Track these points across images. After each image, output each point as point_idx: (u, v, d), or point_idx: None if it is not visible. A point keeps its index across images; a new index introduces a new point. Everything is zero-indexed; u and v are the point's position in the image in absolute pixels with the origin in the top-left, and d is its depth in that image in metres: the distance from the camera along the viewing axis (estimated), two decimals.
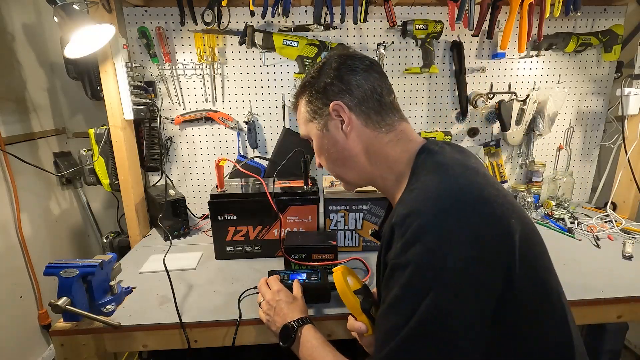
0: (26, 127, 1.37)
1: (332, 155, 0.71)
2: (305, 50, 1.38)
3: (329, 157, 0.72)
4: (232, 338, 0.86)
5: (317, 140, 0.72)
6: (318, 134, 0.71)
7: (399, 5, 1.37)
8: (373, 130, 0.67)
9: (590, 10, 1.43)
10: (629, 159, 1.40)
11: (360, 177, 0.71)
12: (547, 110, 1.45)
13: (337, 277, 0.72)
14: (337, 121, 0.68)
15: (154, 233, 1.42)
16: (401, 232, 0.52)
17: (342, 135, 0.68)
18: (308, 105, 0.71)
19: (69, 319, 0.86)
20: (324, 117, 0.69)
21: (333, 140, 0.69)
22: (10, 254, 1.28)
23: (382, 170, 0.68)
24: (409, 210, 0.53)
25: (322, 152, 0.73)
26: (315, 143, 0.73)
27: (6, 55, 1.31)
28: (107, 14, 1.17)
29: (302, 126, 0.75)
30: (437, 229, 0.49)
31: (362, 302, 0.71)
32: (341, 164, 0.71)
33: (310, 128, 0.73)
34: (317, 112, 0.70)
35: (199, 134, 1.49)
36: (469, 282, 0.48)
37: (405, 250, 0.50)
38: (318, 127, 0.70)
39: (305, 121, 0.73)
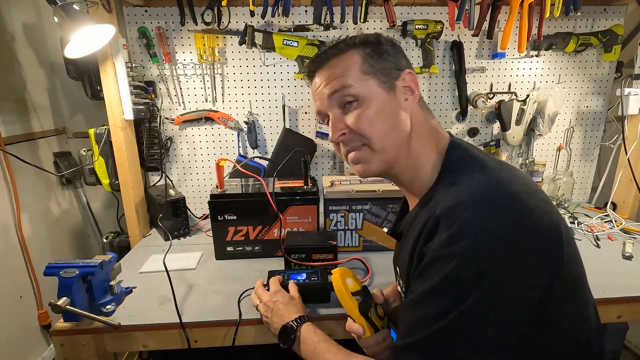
0: (26, 127, 1.37)
1: (390, 123, 0.63)
2: (305, 50, 1.38)
3: (386, 122, 0.63)
4: (232, 338, 0.85)
5: (376, 100, 0.62)
6: (380, 93, 0.62)
7: (399, 5, 1.37)
8: (423, 113, 0.65)
9: (590, 10, 1.43)
10: (629, 159, 1.40)
11: (399, 160, 0.64)
12: (547, 110, 1.45)
13: (335, 279, 0.71)
14: (403, 90, 0.64)
15: (154, 233, 1.42)
16: (448, 223, 0.51)
17: (404, 105, 0.63)
18: (371, 60, 0.63)
19: (69, 319, 0.86)
20: (390, 78, 0.63)
21: (396, 106, 0.63)
22: (10, 254, 1.28)
23: (418, 155, 0.64)
24: (456, 202, 0.52)
25: (379, 115, 0.62)
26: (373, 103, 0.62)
27: (6, 55, 1.31)
28: (107, 14, 1.17)
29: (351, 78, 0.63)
30: (486, 223, 0.49)
31: (361, 305, 0.71)
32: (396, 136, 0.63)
33: (366, 83, 0.63)
34: (382, 71, 0.63)
35: (199, 134, 1.49)
36: (515, 278, 0.48)
37: (451, 243, 0.49)
38: (382, 86, 0.63)
39: (359, 74, 0.63)
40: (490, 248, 0.48)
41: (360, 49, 0.64)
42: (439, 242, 0.51)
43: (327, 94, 0.64)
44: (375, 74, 0.63)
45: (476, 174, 0.56)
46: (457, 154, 0.62)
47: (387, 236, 1.15)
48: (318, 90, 0.67)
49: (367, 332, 0.70)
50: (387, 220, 1.15)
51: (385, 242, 1.18)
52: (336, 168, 1.54)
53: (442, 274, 0.49)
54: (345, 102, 0.63)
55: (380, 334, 0.72)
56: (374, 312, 0.73)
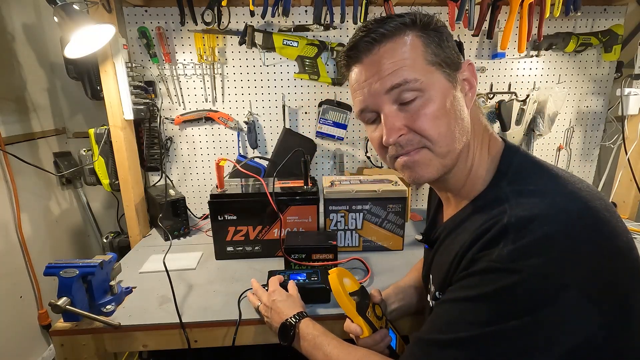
0: (26, 127, 1.37)
1: (457, 122, 0.54)
2: (305, 50, 1.38)
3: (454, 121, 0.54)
4: (232, 338, 0.85)
5: (443, 96, 0.54)
6: (447, 88, 0.54)
7: (399, 5, 1.37)
8: (478, 110, 0.59)
9: (590, 10, 1.43)
10: (629, 159, 1.40)
11: (456, 160, 0.57)
12: (547, 110, 1.45)
13: (332, 279, 0.71)
14: (463, 83, 0.56)
15: (154, 233, 1.42)
16: (517, 236, 0.45)
17: (464, 99, 0.56)
18: (433, 46, 0.54)
19: (69, 319, 0.86)
20: (454, 70, 0.55)
21: (460, 103, 0.55)
22: (10, 254, 1.28)
23: (474, 157, 0.58)
24: (531, 214, 0.46)
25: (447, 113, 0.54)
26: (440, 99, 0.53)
27: (6, 55, 1.31)
28: (107, 14, 1.17)
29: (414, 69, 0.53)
30: (565, 242, 0.44)
31: (358, 304, 0.71)
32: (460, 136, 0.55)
33: (432, 76, 0.53)
34: (446, 61, 0.54)
35: (199, 134, 1.49)
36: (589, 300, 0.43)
37: (517, 257, 0.44)
38: (448, 79, 0.54)
39: (422, 64, 0.53)
40: (570, 268, 0.43)
41: (420, 31, 0.54)
42: (500, 254, 0.46)
43: (381, 89, 0.54)
44: (440, 65, 0.54)
45: (549, 184, 0.51)
46: (517, 159, 0.56)
47: (387, 236, 1.16)
48: (365, 82, 0.55)
49: (365, 332, 0.70)
50: (387, 220, 1.15)
51: (385, 242, 1.18)
52: (336, 168, 1.54)
53: (498, 285, 0.45)
54: (406, 99, 0.53)
55: (378, 333, 0.72)
56: (372, 312, 0.73)
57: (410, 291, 0.84)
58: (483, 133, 0.59)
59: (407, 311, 0.84)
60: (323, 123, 1.45)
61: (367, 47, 0.54)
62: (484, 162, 0.58)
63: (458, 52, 0.56)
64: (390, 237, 1.17)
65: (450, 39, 0.56)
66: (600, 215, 0.46)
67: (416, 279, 0.87)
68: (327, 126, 1.46)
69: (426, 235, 0.70)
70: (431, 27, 0.54)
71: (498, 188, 0.54)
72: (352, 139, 1.54)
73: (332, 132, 1.47)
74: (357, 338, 0.73)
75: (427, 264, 0.70)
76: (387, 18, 0.54)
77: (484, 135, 0.59)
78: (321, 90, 1.47)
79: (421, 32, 0.54)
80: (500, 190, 0.53)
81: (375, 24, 0.54)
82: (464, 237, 0.53)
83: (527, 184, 0.52)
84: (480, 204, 0.56)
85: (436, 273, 0.63)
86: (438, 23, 0.55)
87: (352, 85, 0.59)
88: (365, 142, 1.53)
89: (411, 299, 0.84)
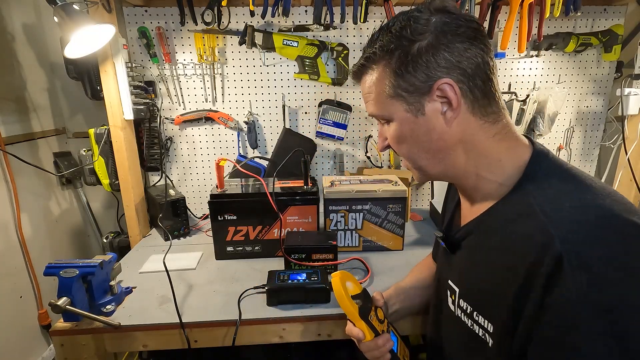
0: (26, 127, 1.37)
1: (421, 145, 0.57)
2: (305, 50, 1.38)
3: (415, 146, 0.58)
4: (232, 338, 0.85)
5: (402, 126, 0.57)
6: (406, 118, 0.56)
7: (399, 5, 1.36)
8: (479, 119, 0.54)
9: (590, 10, 1.43)
10: (629, 159, 1.40)
11: (447, 171, 0.59)
12: (547, 110, 1.45)
13: (335, 282, 0.70)
14: (439, 103, 0.53)
15: (154, 233, 1.42)
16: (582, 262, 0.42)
17: (441, 121, 0.54)
18: (394, 77, 0.54)
19: (69, 319, 0.86)
20: (419, 96, 0.54)
21: (427, 127, 0.55)
22: (10, 254, 1.28)
23: (479, 168, 0.56)
24: (583, 237, 0.43)
25: (406, 139, 0.58)
26: (397, 128, 0.58)
27: (6, 55, 1.31)
28: (107, 14, 1.17)
29: (375, 104, 0.59)
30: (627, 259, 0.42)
31: (361, 308, 0.70)
32: (430, 156, 0.58)
33: (392, 108, 0.56)
34: (408, 89, 0.54)
35: (199, 134, 1.49)
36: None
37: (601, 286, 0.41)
38: (407, 109, 0.55)
39: (383, 98, 0.57)
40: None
41: (387, 60, 0.55)
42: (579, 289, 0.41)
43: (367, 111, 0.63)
44: (400, 96, 0.55)
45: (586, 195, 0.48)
46: (546, 163, 0.53)
47: (387, 236, 1.16)
48: None
49: (368, 336, 0.69)
50: (387, 220, 1.15)
51: (385, 242, 1.18)
52: (336, 168, 1.54)
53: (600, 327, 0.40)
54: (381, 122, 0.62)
55: (380, 338, 0.70)
56: (374, 316, 0.72)
57: (412, 292, 0.84)
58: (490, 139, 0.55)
59: (409, 312, 0.84)
60: (323, 123, 1.46)
61: (356, 75, 0.62)
62: (502, 165, 0.55)
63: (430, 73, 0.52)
64: (390, 237, 1.17)
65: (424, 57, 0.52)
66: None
67: (418, 279, 0.87)
68: (327, 126, 1.46)
69: (450, 235, 0.67)
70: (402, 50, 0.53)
71: (526, 193, 0.51)
72: (352, 139, 1.54)
73: (332, 132, 1.47)
74: (359, 342, 0.72)
75: (445, 265, 0.68)
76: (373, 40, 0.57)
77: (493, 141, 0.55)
78: (321, 90, 1.47)
79: (389, 61, 0.55)
80: (530, 197, 0.50)
81: (366, 45, 0.59)
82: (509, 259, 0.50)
83: (561, 194, 0.49)
84: (511, 211, 0.53)
85: (469, 286, 0.60)
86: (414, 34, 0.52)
87: None
88: (365, 142, 1.54)
89: (413, 300, 0.83)
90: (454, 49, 0.51)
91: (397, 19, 0.55)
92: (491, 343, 0.54)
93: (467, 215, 0.63)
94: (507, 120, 0.56)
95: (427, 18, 0.52)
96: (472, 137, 0.55)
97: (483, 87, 0.53)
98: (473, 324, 0.58)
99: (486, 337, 0.55)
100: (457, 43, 0.51)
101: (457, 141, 0.55)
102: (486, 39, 0.53)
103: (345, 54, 1.40)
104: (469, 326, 0.59)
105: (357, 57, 1.43)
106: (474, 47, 0.52)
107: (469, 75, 0.52)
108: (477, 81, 0.53)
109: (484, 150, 0.56)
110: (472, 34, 0.52)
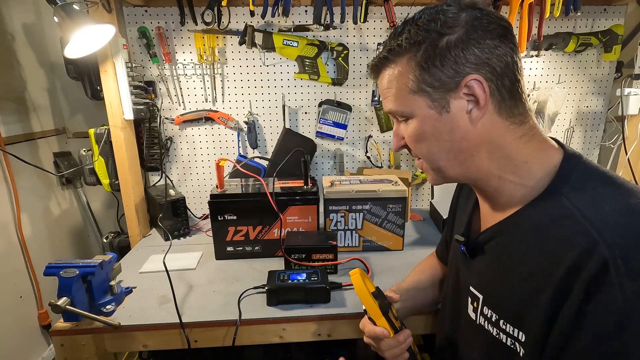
0: (26, 127, 1.37)
1: (442, 145, 0.54)
2: (305, 50, 1.38)
3: (436, 145, 0.55)
4: (232, 338, 0.85)
5: (423, 123, 0.54)
6: (428, 115, 0.53)
7: (399, 5, 1.37)
8: (505, 120, 0.52)
9: (590, 10, 1.43)
10: (629, 159, 1.40)
11: (468, 174, 0.57)
12: (547, 110, 1.45)
13: (356, 279, 0.69)
14: (465, 101, 0.51)
15: (154, 233, 1.42)
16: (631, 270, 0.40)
17: (466, 120, 0.52)
18: (419, 70, 0.52)
19: (69, 319, 0.86)
20: (444, 92, 0.52)
21: (451, 126, 0.53)
22: (10, 254, 1.28)
23: (503, 171, 0.54)
24: (632, 241, 0.42)
25: (427, 138, 0.55)
26: (418, 126, 0.55)
27: (6, 55, 1.31)
28: (107, 14, 1.17)
29: (395, 99, 0.55)
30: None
31: (380, 305, 0.69)
32: (451, 157, 0.55)
33: (414, 104, 0.54)
34: (433, 84, 0.51)
35: (199, 134, 1.49)
36: None
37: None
38: (431, 105, 0.53)
39: (405, 93, 0.54)
40: None
41: (412, 54, 0.52)
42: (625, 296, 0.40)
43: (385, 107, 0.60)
44: (425, 92, 0.52)
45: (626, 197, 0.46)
46: (580, 165, 0.51)
47: (387, 236, 1.16)
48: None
49: (390, 333, 0.69)
50: (387, 220, 1.15)
51: (385, 242, 1.18)
52: (336, 168, 1.54)
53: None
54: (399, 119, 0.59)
55: (401, 334, 0.69)
56: (391, 313, 0.71)
57: (413, 293, 0.84)
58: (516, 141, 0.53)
59: (410, 313, 0.84)
60: (323, 123, 1.46)
61: (375, 69, 0.59)
62: (529, 168, 0.53)
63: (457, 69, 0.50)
64: (390, 237, 1.17)
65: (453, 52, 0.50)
66: None
67: (419, 280, 0.87)
68: (327, 126, 1.46)
69: (471, 239, 0.64)
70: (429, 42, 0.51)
71: (560, 195, 0.49)
72: (352, 139, 1.54)
73: (332, 132, 1.47)
74: (377, 341, 0.70)
75: (465, 270, 0.65)
76: (396, 38, 0.54)
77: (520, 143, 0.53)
78: (321, 90, 1.47)
79: (414, 55, 0.52)
80: (565, 200, 0.48)
81: (389, 39, 0.56)
82: (543, 264, 0.48)
83: (599, 197, 0.47)
84: (543, 215, 0.50)
85: (494, 294, 0.57)
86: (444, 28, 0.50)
87: None
88: (365, 142, 1.54)
89: (414, 300, 0.83)
90: (484, 46, 0.50)
91: (424, 13, 0.53)
92: (522, 352, 0.52)
93: (489, 219, 0.60)
94: (533, 122, 0.54)
95: (456, 12, 0.50)
96: (497, 138, 0.53)
97: (511, 87, 0.51)
98: (500, 332, 0.55)
99: (516, 346, 0.53)
100: (487, 40, 0.50)
101: (481, 142, 0.53)
102: (515, 39, 0.52)
103: (345, 54, 1.40)
104: (494, 335, 0.56)
105: (357, 57, 1.43)
106: (504, 46, 0.50)
107: (497, 73, 0.50)
108: (506, 81, 0.51)
109: (509, 152, 0.53)
110: (503, 32, 0.50)
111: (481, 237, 0.61)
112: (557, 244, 0.47)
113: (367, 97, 1.48)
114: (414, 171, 1.55)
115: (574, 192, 0.49)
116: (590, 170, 0.51)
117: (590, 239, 0.43)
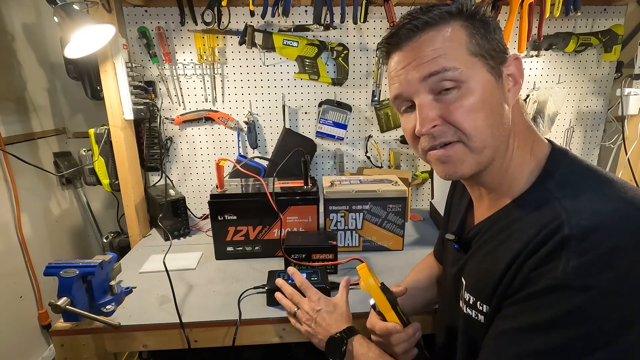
0: (26, 127, 1.37)
1: (494, 119, 0.52)
2: (305, 50, 1.38)
3: (491, 117, 0.51)
4: (232, 338, 0.85)
5: (483, 88, 0.51)
6: (489, 80, 0.51)
7: (399, 5, 1.37)
8: (521, 108, 0.55)
9: (590, 10, 1.43)
10: (629, 159, 1.40)
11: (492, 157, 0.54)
12: (547, 110, 1.45)
13: (364, 274, 0.69)
14: (507, 78, 0.53)
15: (154, 233, 1.42)
16: (583, 248, 0.42)
17: (507, 97, 0.53)
18: (478, 37, 0.51)
19: (69, 319, 0.86)
20: (498, 63, 0.52)
21: (501, 98, 0.52)
22: (10, 254, 1.28)
23: (512, 156, 0.55)
24: (596, 224, 0.43)
25: (484, 107, 0.51)
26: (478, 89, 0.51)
27: (6, 55, 1.31)
28: (107, 14, 1.17)
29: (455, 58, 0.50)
30: (635, 253, 0.41)
31: (389, 299, 0.69)
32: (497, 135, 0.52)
33: (474, 65, 0.51)
34: (490, 53, 0.51)
35: (199, 134, 1.49)
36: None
37: (588, 272, 0.41)
38: (490, 72, 0.51)
39: (463, 53, 0.51)
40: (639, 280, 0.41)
41: (465, 20, 0.51)
42: (565, 270, 0.42)
43: (417, 77, 0.52)
44: (483, 56, 0.51)
45: (605, 189, 0.47)
46: (566, 161, 0.53)
47: (387, 236, 1.16)
48: (403, 70, 0.53)
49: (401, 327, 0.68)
50: (387, 220, 1.15)
51: (385, 242, 1.18)
52: (336, 168, 1.54)
53: (568, 306, 0.42)
54: (442, 88, 0.51)
55: (410, 327, 0.69)
56: (398, 307, 0.71)
57: (413, 292, 0.84)
58: (525, 132, 0.55)
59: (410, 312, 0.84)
60: (323, 123, 1.46)
61: (408, 35, 0.52)
62: (525, 162, 0.54)
63: (504, 46, 0.53)
64: (390, 237, 1.17)
65: (498, 31, 0.53)
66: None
67: (418, 279, 0.87)
68: (327, 126, 1.46)
69: (458, 236, 0.66)
70: (477, 17, 0.52)
71: (545, 190, 0.51)
72: (352, 139, 1.54)
73: (332, 132, 1.47)
74: (386, 337, 0.69)
75: (458, 267, 0.65)
76: (432, 6, 0.52)
77: (527, 135, 0.55)
78: (321, 90, 1.47)
79: (466, 22, 0.52)
80: (548, 193, 0.50)
81: (419, 12, 0.53)
82: (514, 246, 0.49)
83: (580, 188, 0.48)
84: (527, 206, 0.52)
85: (473, 280, 0.59)
86: (486, 14, 0.53)
87: (390, 72, 0.57)
88: (365, 142, 1.54)
89: (414, 300, 0.83)
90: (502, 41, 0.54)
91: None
92: (482, 319, 0.55)
93: (484, 214, 0.61)
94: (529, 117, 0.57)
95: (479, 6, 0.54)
96: (518, 124, 0.54)
97: None
98: (477, 314, 0.57)
99: (479, 317, 0.56)
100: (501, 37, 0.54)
101: (511, 126, 0.54)
102: None
103: (345, 54, 1.40)
104: (473, 317, 0.58)
105: (357, 57, 1.43)
106: None
107: None
108: None
109: (523, 141, 0.55)
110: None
111: (471, 232, 0.62)
112: (532, 228, 0.48)
113: (367, 97, 1.48)
114: (414, 171, 1.55)
115: (558, 187, 0.50)
116: (576, 165, 0.53)
117: (559, 221, 0.45)
